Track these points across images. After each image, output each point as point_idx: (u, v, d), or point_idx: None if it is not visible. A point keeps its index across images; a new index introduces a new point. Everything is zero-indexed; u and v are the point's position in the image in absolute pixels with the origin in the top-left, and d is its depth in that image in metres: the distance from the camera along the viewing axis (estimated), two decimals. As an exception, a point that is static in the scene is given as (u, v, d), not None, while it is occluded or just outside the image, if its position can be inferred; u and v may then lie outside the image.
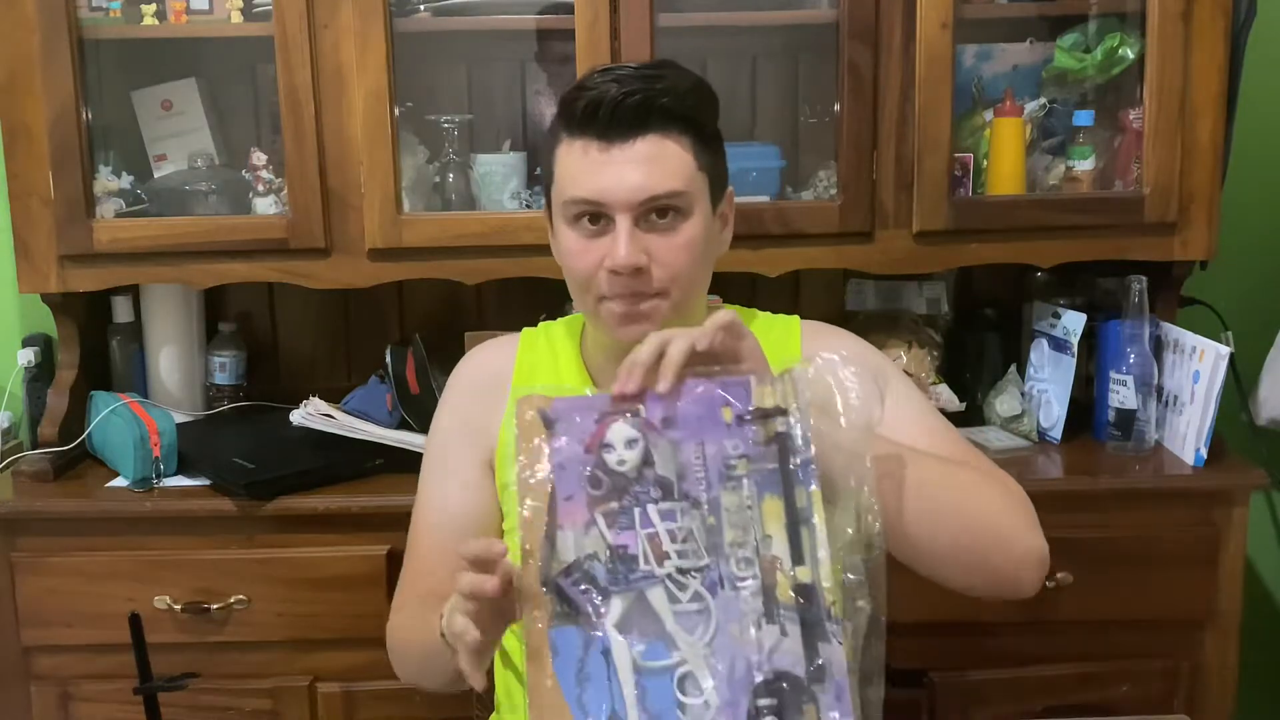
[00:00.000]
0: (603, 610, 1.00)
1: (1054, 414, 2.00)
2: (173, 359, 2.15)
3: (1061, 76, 2.01)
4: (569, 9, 1.87)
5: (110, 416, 1.93)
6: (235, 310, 2.24)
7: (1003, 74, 2.03)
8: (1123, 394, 1.93)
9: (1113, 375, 1.94)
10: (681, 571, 1.01)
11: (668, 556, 1.01)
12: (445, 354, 1.94)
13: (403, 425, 1.93)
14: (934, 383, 2.04)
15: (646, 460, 1.03)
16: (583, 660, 1.00)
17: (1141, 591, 1.83)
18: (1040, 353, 2.06)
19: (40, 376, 2.15)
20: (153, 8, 1.91)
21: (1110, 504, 1.84)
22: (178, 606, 1.79)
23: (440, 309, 2.23)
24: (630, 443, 1.03)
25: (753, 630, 1.01)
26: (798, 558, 1.02)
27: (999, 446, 1.95)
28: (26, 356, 2.15)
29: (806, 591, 1.01)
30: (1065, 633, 1.84)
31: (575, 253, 1.27)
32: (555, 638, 1.00)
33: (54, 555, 1.82)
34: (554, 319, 1.48)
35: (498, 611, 1.03)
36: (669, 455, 1.03)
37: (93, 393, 2.04)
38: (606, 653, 1.00)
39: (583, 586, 1.00)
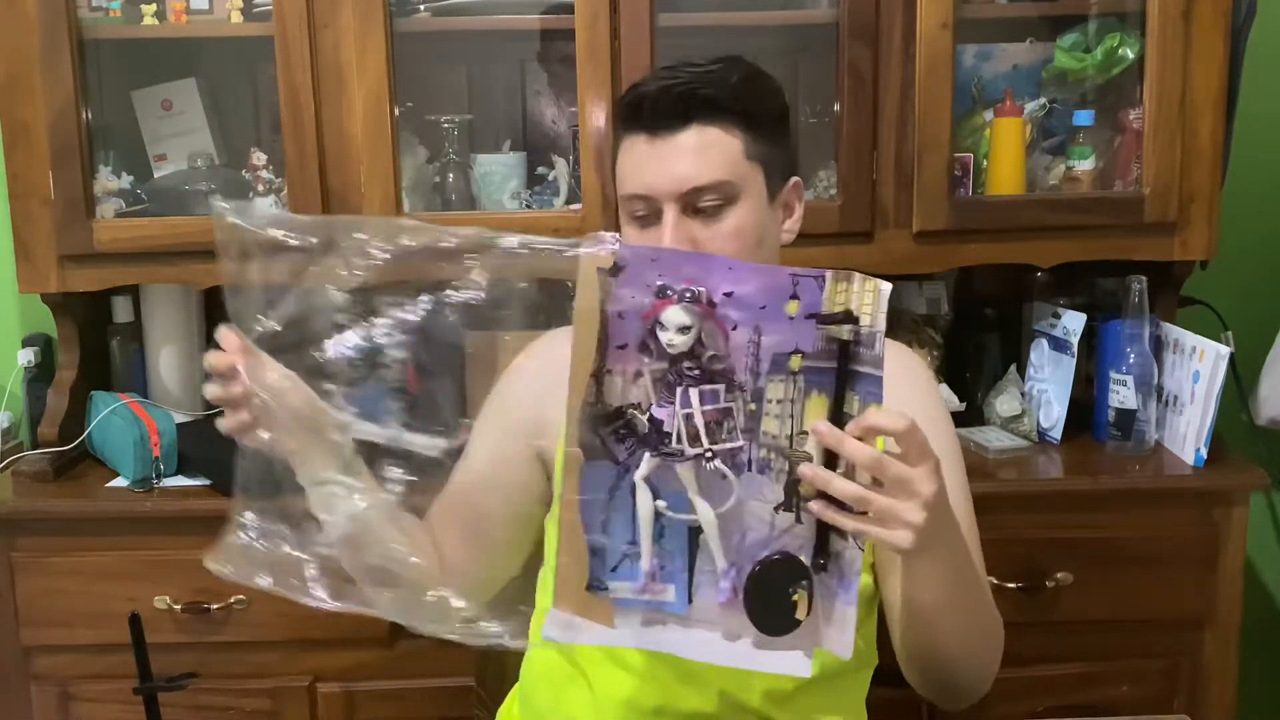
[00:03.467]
0: (635, 458, 1.05)
1: (1054, 414, 2.00)
2: (173, 359, 2.15)
3: (1061, 76, 2.01)
4: (569, 9, 1.87)
5: (110, 416, 1.93)
6: (235, 310, 2.23)
7: (1003, 74, 2.03)
8: (1123, 394, 1.93)
9: (1113, 375, 1.94)
10: (711, 455, 1.04)
11: (699, 440, 1.04)
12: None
13: (402, 425, 1.92)
14: (934, 383, 2.04)
15: (698, 343, 1.03)
16: (612, 494, 1.06)
17: (1141, 591, 1.83)
18: (1040, 353, 2.06)
19: (40, 376, 2.15)
20: (153, 8, 1.91)
21: (1110, 504, 1.84)
22: (178, 606, 1.79)
23: (440, 309, 2.22)
24: (683, 329, 1.03)
25: (769, 511, 1.05)
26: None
27: (999, 446, 1.95)
28: (26, 356, 2.15)
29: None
30: (1065, 633, 1.84)
31: None
32: (588, 471, 1.06)
33: (54, 555, 1.82)
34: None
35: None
36: (720, 341, 1.03)
37: (93, 393, 2.04)
38: (633, 491, 1.06)
39: (622, 433, 1.05)
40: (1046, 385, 2.03)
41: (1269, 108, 2.20)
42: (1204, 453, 1.85)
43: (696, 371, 1.04)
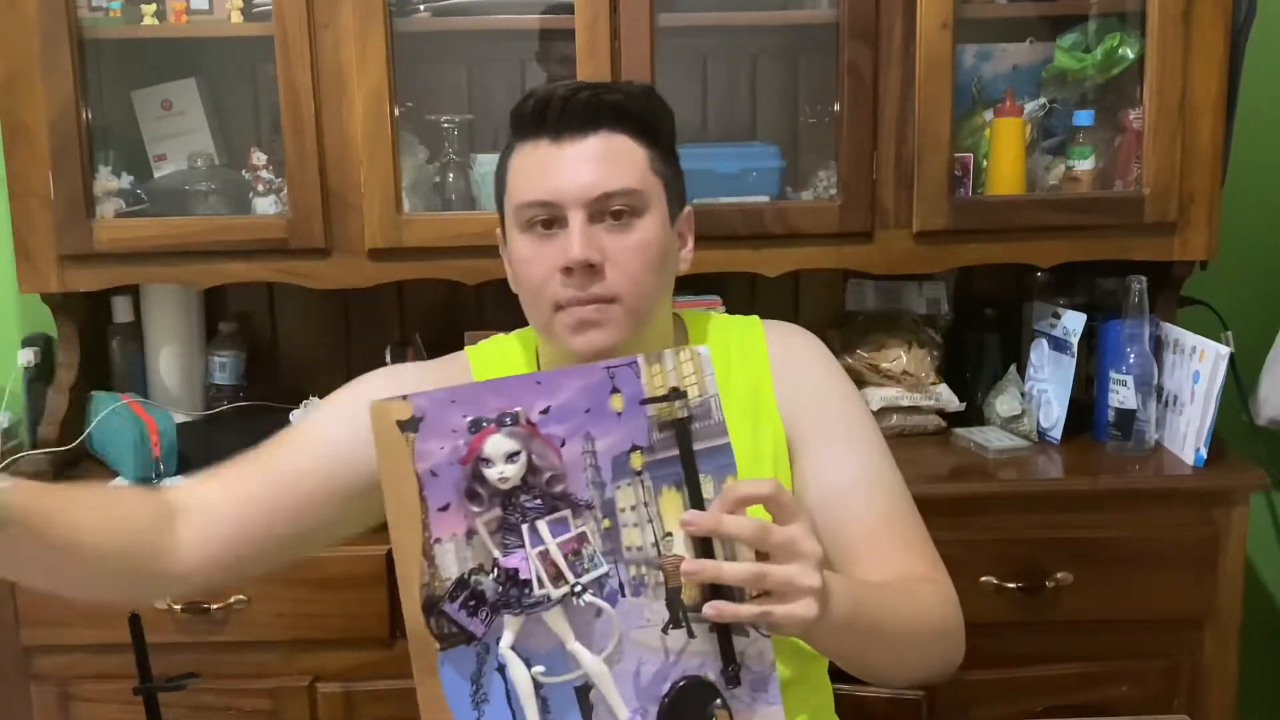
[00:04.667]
0: (494, 628, 0.95)
1: (1054, 414, 2.00)
2: (173, 359, 2.15)
3: (1061, 76, 2.01)
4: (569, 9, 1.87)
5: (110, 416, 1.93)
6: (235, 310, 2.24)
7: (1003, 74, 2.03)
8: (1123, 394, 1.93)
9: (1113, 375, 1.94)
10: (580, 589, 0.95)
11: (562, 577, 0.95)
12: (445, 354, 1.93)
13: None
14: (934, 383, 2.04)
15: (531, 470, 0.95)
16: (478, 680, 0.96)
17: (1141, 591, 1.83)
18: (1040, 353, 2.06)
19: (40, 376, 2.15)
20: (153, 8, 1.91)
21: (1110, 504, 1.84)
22: (178, 606, 1.79)
23: (440, 309, 2.23)
24: (511, 456, 0.94)
25: (659, 636, 0.96)
26: (705, 555, 0.95)
27: (999, 446, 1.95)
28: (26, 356, 2.15)
29: (715, 591, 0.94)
30: (1065, 633, 1.84)
31: (528, 259, 1.24)
32: (445, 661, 0.95)
33: (54, 555, 1.82)
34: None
35: None
36: (554, 459, 0.95)
37: (93, 393, 2.04)
38: (502, 670, 0.96)
39: (471, 604, 0.95)
40: (1046, 385, 2.03)
41: (1269, 108, 2.20)
42: (1204, 453, 1.85)
43: (538, 501, 0.95)
